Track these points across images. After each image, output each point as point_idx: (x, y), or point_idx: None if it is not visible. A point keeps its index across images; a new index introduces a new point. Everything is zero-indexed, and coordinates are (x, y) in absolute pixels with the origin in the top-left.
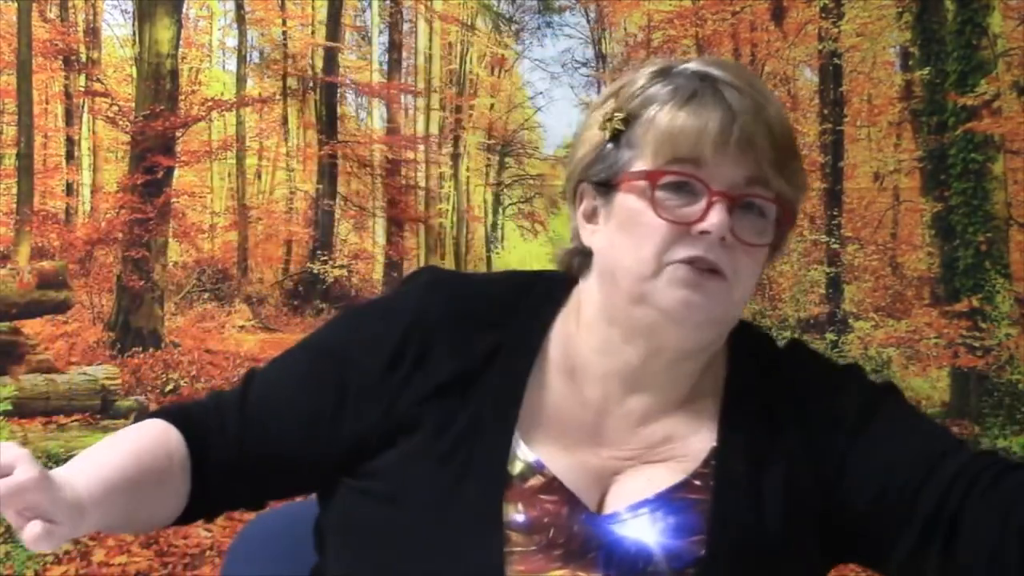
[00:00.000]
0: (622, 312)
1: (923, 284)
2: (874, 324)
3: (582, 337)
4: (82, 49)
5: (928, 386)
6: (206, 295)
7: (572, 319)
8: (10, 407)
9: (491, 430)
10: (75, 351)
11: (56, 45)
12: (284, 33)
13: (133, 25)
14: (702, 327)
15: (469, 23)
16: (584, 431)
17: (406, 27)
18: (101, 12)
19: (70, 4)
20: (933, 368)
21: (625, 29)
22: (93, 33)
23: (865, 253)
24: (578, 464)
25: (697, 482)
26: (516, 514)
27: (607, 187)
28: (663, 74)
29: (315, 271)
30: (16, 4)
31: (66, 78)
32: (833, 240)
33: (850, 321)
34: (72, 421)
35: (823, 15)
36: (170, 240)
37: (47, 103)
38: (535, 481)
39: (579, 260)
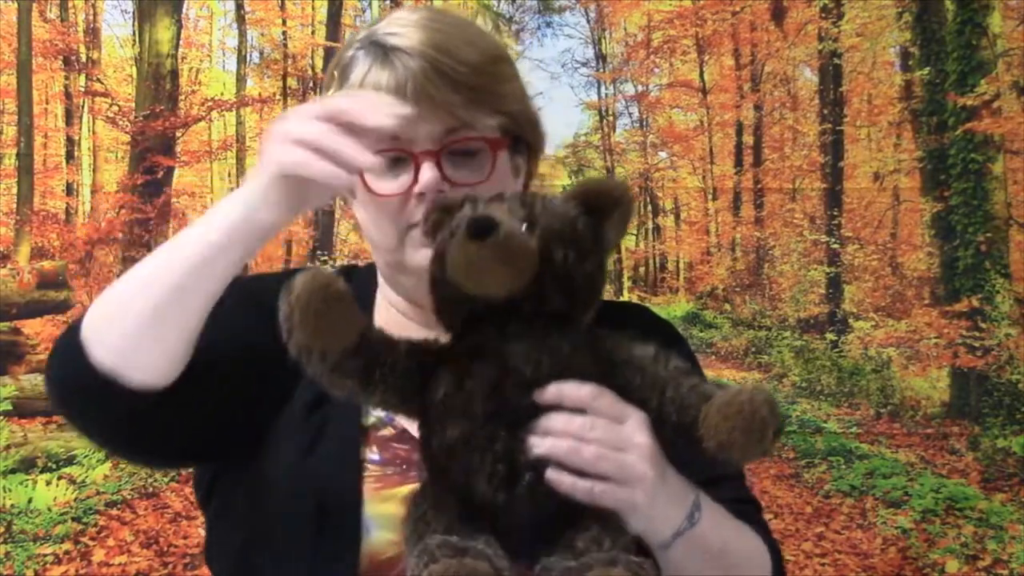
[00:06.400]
0: (392, 280)
1: (923, 284)
2: (874, 324)
3: (392, 309)
4: (82, 49)
5: (928, 386)
6: None
7: (384, 294)
8: (10, 407)
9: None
10: None
11: (56, 45)
12: (284, 33)
13: (133, 25)
14: None
15: None
16: None
17: None
18: (101, 12)
19: (70, 4)
20: (933, 368)
21: (625, 29)
22: (93, 33)
23: (865, 253)
24: None
25: None
26: (372, 454)
27: None
28: (358, 49)
29: None
30: (16, 4)
31: (66, 78)
32: (833, 240)
33: (850, 321)
34: None
35: (823, 15)
36: None
37: (47, 103)
38: (386, 432)
39: None
